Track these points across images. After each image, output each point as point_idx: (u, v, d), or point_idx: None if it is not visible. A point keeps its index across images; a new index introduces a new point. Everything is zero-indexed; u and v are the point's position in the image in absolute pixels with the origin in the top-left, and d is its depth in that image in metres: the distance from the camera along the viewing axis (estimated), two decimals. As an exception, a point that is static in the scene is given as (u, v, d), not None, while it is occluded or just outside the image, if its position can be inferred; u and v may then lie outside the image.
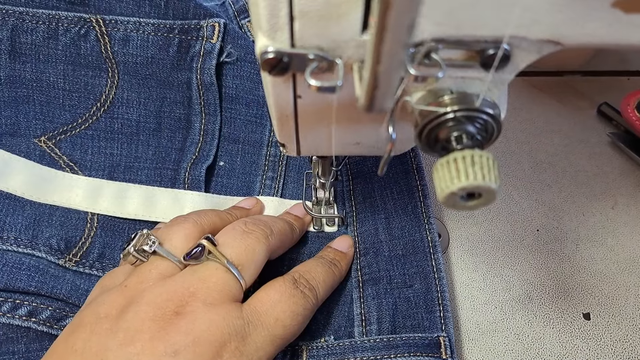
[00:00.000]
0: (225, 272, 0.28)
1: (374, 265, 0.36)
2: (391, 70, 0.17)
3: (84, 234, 0.36)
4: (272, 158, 0.42)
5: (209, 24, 0.40)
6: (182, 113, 0.41)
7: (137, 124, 0.40)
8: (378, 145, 0.31)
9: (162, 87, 0.40)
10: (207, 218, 0.33)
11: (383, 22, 0.15)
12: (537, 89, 0.52)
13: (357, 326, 0.34)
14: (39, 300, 0.33)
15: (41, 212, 0.36)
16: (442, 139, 0.23)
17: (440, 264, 0.35)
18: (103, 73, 0.40)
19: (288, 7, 0.19)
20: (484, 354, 0.36)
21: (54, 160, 0.38)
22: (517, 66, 0.22)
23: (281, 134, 0.29)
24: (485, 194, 0.21)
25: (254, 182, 0.41)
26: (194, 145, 0.40)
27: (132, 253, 0.29)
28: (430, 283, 0.35)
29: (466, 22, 0.20)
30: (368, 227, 0.38)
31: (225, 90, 0.41)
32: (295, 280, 0.30)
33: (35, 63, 0.38)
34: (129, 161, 0.39)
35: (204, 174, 0.39)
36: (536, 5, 0.19)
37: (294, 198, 0.41)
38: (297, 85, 0.23)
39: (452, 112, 0.22)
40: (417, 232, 0.37)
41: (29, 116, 0.38)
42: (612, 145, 0.47)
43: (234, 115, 0.42)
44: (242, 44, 0.42)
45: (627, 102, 0.44)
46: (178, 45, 0.40)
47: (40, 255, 0.34)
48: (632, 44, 0.21)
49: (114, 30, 0.39)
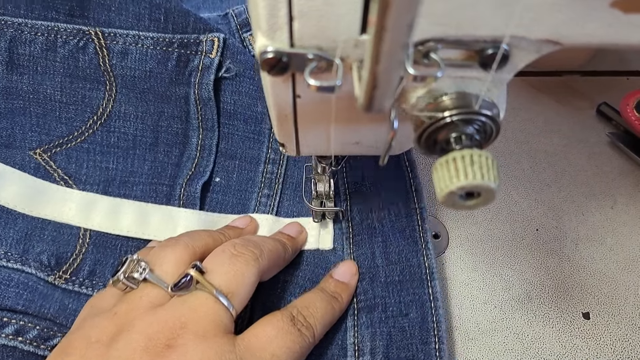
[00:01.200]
0: (215, 302, 0.28)
1: (369, 292, 0.35)
2: (390, 70, 0.17)
3: (76, 250, 0.36)
4: (269, 175, 0.41)
5: (209, 38, 0.40)
6: (180, 128, 0.40)
7: (134, 138, 0.40)
8: (377, 145, 0.31)
9: (159, 101, 0.40)
10: (199, 240, 0.32)
11: (382, 22, 0.15)
12: (536, 89, 0.52)
13: (350, 356, 0.33)
14: (26, 318, 0.32)
15: (33, 225, 0.36)
16: (441, 141, 0.23)
17: (437, 292, 0.34)
18: (101, 86, 0.39)
19: (287, 7, 0.19)
20: (483, 353, 0.36)
21: (48, 173, 0.38)
22: (516, 66, 0.22)
23: (280, 134, 0.29)
24: (485, 193, 0.21)
25: (249, 199, 0.40)
26: (190, 161, 0.40)
27: (121, 280, 0.29)
28: (426, 312, 0.34)
29: (465, 22, 0.20)
30: (364, 250, 0.37)
31: (224, 105, 0.41)
32: (292, 317, 0.30)
33: (33, 75, 0.38)
34: (124, 175, 0.39)
35: (199, 191, 0.39)
36: (536, 5, 0.19)
37: (290, 216, 0.40)
38: (297, 85, 0.23)
39: (450, 117, 0.22)
40: (415, 258, 0.36)
41: (25, 128, 0.38)
42: (612, 145, 0.47)
43: (232, 131, 0.41)
44: (242, 59, 0.41)
45: (627, 102, 0.44)
46: (177, 59, 0.39)
47: (29, 271, 0.34)
48: (631, 43, 0.21)
49: (112, 43, 0.38)
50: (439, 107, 0.23)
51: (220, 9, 0.49)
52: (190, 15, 0.40)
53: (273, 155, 0.41)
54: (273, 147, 0.41)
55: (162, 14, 0.39)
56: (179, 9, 0.40)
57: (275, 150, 0.41)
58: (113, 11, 0.39)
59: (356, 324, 0.34)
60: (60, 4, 0.38)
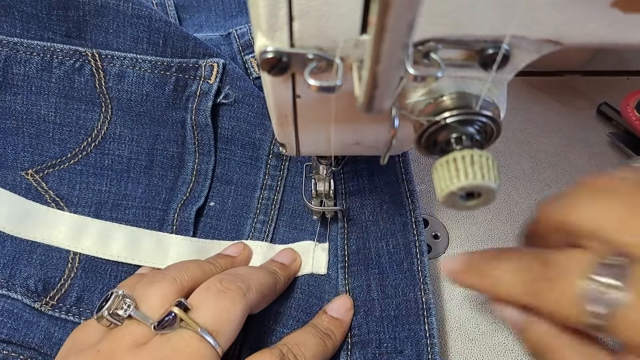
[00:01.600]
0: (200, 341, 0.27)
1: (364, 327, 0.34)
2: (390, 70, 0.17)
3: (64, 275, 0.35)
4: (265, 201, 0.40)
5: (208, 63, 0.39)
6: (176, 152, 0.40)
7: (128, 161, 0.39)
8: (378, 145, 0.31)
9: (155, 125, 0.40)
10: (187, 273, 0.31)
11: (382, 22, 0.15)
12: (536, 88, 0.52)
13: None
14: (10, 348, 0.32)
15: (22, 248, 0.35)
16: (442, 141, 0.23)
17: (433, 329, 0.33)
18: (96, 108, 0.39)
19: (287, 7, 0.19)
20: (484, 353, 0.36)
21: (40, 195, 0.37)
22: (516, 66, 0.22)
23: (281, 134, 0.29)
24: (485, 193, 0.21)
25: (244, 225, 0.40)
26: (185, 185, 0.39)
27: (105, 317, 0.28)
28: (421, 350, 0.33)
29: (466, 22, 0.20)
30: (360, 282, 0.36)
31: (221, 131, 0.40)
32: (282, 355, 0.29)
33: (27, 95, 0.37)
34: (117, 199, 0.38)
35: (193, 217, 0.38)
36: (536, 5, 0.19)
37: (285, 242, 0.39)
38: (297, 85, 0.23)
39: (451, 117, 0.22)
40: (412, 292, 0.35)
41: (17, 148, 0.37)
42: (612, 145, 0.47)
43: (229, 156, 0.41)
44: (241, 85, 0.40)
45: (627, 102, 0.44)
46: (174, 83, 0.39)
47: (15, 297, 0.33)
48: (631, 43, 0.21)
49: (109, 65, 0.38)
50: (439, 107, 0.23)
51: (223, 28, 0.48)
52: (190, 39, 0.39)
53: (270, 181, 0.41)
54: (270, 173, 0.41)
55: (160, 37, 0.39)
56: (179, 33, 0.39)
57: (272, 177, 0.41)
58: (111, 33, 0.38)
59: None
60: (57, 25, 0.38)
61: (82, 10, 0.38)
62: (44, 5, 0.37)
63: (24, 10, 0.37)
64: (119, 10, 0.38)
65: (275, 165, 0.41)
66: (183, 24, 0.48)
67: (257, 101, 0.41)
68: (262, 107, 0.41)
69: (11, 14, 0.37)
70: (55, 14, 0.38)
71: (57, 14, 0.38)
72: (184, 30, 0.40)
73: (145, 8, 0.38)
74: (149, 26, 0.39)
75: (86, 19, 0.38)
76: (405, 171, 0.40)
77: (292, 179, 0.41)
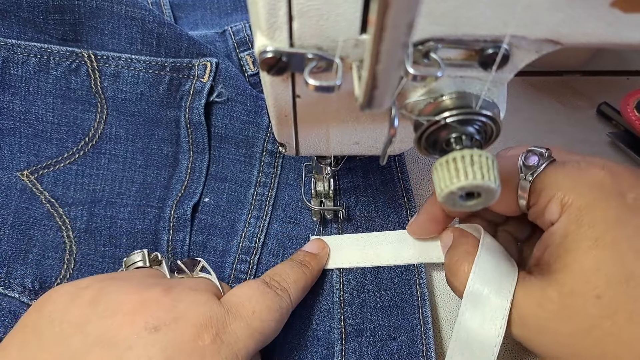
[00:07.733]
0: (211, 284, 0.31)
1: (358, 317, 0.35)
2: (390, 69, 0.17)
3: (60, 275, 0.36)
4: (259, 198, 0.41)
5: (201, 63, 0.40)
6: (170, 150, 0.41)
7: (124, 160, 0.40)
8: (377, 145, 0.31)
9: (150, 124, 0.40)
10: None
11: (382, 22, 0.15)
12: (536, 88, 0.52)
13: None
14: None
15: (17, 248, 0.35)
16: (442, 141, 0.23)
17: (427, 317, 0.34)
18: (92, 108, 0.39)
19: (287, 7, 0.19)
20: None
21: (34, 196, 0.37)
22: (516, 65, 0.22)
23: (280, 134, 0.29)
24: (485, 193, 0.21)
25: (238, 221, 0.40)
26: (179, 183, 0.40)
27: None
28: (415, 336, 0.34)
29: (465, 22, 0.20)
30: (355, 275, 0.37)
31: (215, 129, 0.41)
32: (266, 282, 0.31)
33: (25, 95, 0.38)
34: (112, 197, 0.39)
35: (190, 212, 0.39)
36: (536, 5, 0.19)
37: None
38: (296, 85, 0.23)
39: (451, 117, 0.22)
40: (407, 286, 0.36)
41: (14, 149, 0.38)
42: (612, 145, 0.47)
43: (223, 154, 0.41)
44: (234, 84, 0.41)
45: (627, 101, 0.44)
46: (168, 83, 0.40)
47: (12, 295, 0.34)
48: (631, 43, 0.21)
49: (105, 65, 0.39)
50: (439, 107, 0.23)
51: (219, 25, 0.48)
52: (183, 39, 0.40)
53: (264, 178, 0.41)
54: (264, 170, 0.42)
55: (154, 38, 0.40)
56: (172, 33, 0.40)
57: (266, 174, 0.42)
58: (106, 34, 0.39)
59: (344, 348, 0.34)
60: (53, 28, 0.39)
61: (77, 13, 0.38)
62: (40, 10, 0.38)
63: (21, 15, 0.38)
64: (113, 12, 0.39)
65: (269, 163, 0.42)
66: (179, 22, 0.48)
67: (251, 99, 0.41)
68: (256, 105, 0.41)
69: (8, 18, 0.38)
70: (52, 19, 0.38)
71: (54, 18, 0.38)
72: (177, 30, 0.40)
73: (138, 9, 0.39)
74: (143, 27, 0.39)
75: (82, 21, 0.39)
76: (401, 170, 0.40)
77: (285, 176, 0.42)
